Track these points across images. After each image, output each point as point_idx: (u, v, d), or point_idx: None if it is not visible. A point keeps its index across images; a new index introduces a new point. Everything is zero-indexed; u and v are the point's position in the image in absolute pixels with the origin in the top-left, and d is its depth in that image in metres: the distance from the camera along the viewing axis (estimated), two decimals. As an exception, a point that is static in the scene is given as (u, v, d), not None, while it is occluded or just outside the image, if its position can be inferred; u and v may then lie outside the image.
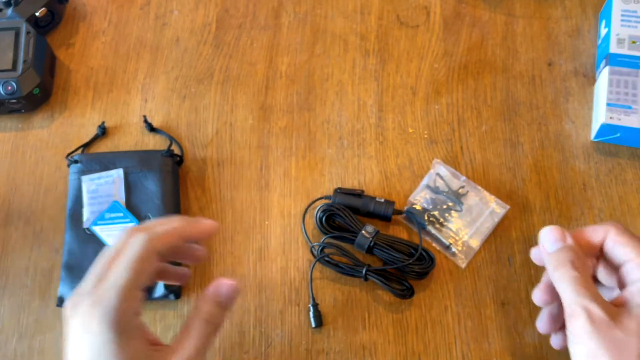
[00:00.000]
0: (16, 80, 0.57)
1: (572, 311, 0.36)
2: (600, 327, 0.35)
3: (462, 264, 0.52)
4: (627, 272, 0.38)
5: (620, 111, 0.54)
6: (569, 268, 0.38)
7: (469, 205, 0.53)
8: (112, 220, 0.53)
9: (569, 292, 0.37)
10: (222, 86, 0.61)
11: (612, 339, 0.34)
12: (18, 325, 0.52)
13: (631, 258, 0.38)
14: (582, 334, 0.35)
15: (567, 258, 0.38)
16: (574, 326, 0.36)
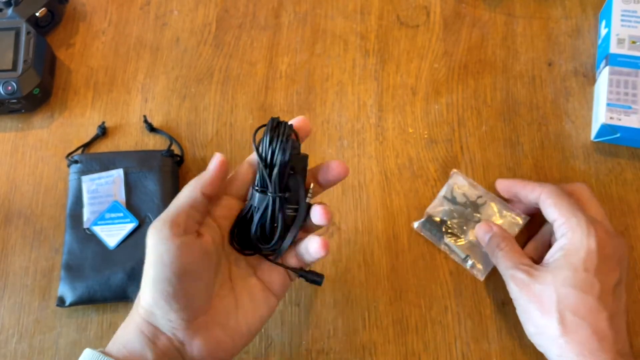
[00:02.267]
0: (16, 80, 0.57)
1: (506, 280, 0.46)
2: (522, 285, 0.44)
3: (481, 276, 0.51)
4: (555, 230, 0.45)
5: (620, 111, 0.54)
6: (497, 250, 0.47)
7: (488, 215, 0.53)
8: (112, 220, 0.53)
9: (502, 267, 0.47)
10: (222, 86, 0.61)
11: (534, 292, 0.43)
12: (18, 325, 0.52)
13: (556, 217, 0.45)
14: (515, 295, 0.45)
15: (494, 243, 0.48)
16: (510, 291, 0.45)
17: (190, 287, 0.38)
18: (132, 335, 0.38)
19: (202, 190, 0.39)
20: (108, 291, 0.50)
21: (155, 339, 0.38)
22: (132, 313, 0.40)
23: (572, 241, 0.43)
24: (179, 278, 0.37)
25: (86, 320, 0.51)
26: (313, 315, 0.51)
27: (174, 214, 0.38)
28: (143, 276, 0.38)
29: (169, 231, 0.37)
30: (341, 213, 0.55)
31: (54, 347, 0.51)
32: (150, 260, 0.37)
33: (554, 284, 0.42)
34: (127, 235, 0.52)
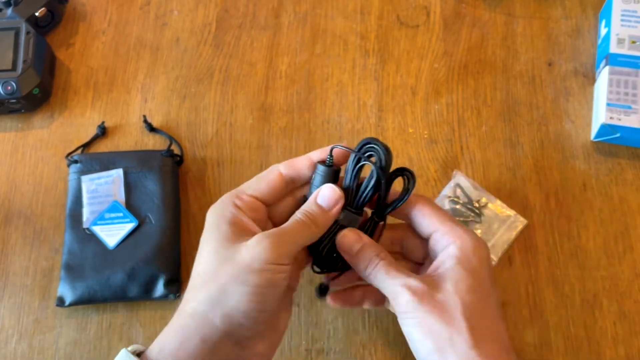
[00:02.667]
0: (16, 80, 0.57)
1: (395, 293, 0.38)
2: (422, 296, 0.37)
3: None
4: (436, 241, 0.41)
5: (620, 111, 0.54)
6: (377, 260, 0.40)
7: (488, 216, 0.52)
8: (112, 220, 0.53)
9: (386, 279, 0.39)
10: (222, 86, 0.61)
11: (435, 303, 0.37)
12: (18, 325, 0.52)
13: (437, 227, 0.41)
14: (409, 308, 0.38)
15: (371, 253, 0.40)
16: (401, 304, 0.38)
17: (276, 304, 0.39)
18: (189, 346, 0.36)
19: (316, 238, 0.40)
20: (108, 291, 0.50)
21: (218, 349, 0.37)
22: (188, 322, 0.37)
23: (462, 249, 0.39)
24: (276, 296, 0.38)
25: (86, 320, 0.51)
26: (313, 315, 0.51)
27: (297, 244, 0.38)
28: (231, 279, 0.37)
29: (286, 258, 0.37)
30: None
31: (54, 347, 0.51)
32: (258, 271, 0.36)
33: (458, 293, 0.37)
34: (126, 235, 0.52)
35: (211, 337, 0.36)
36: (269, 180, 0.41)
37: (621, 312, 0.50)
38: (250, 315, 0.37)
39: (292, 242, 0.38)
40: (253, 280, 0.36)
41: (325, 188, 0.40)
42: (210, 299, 0.36)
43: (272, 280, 0.36)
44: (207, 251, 0.38)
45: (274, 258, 0.36)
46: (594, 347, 0.49)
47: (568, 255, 0.52)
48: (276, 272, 0.37)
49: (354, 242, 0.41)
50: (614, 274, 0.51)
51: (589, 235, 0.53)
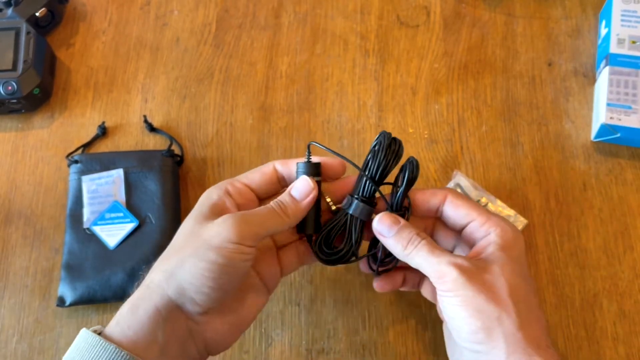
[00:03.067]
0: (16, 80, 0.57)
1: (440, 272, 0.38)
2: (471, 275, 0.37)
3: None
4: (472, 231, 0.41)
5: (620, 111, 0.54)
6: (418, 239, 0.40)
7: None
8: (112, 220, 0.53)
9: (429, 258, 0.39)
10: (222, 86, 0.61)
11: (484, 282, 0.37)
12: (18, 325, 0.52)
13: (474, 218, 0.41)
14: (456, 286, 0.37)
15: (411, 233, 0.40)
16: (446, 283, 0.37)
17: (232, 284, 0.39)
18: (143, 315, 0.37)
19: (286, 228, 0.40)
20: (108, 291, 0.50)
21: (172, 319, 0.37)
22: (144, 293, 0.38)
23: (503, 237, 0.40)
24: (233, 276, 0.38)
25: (86, 320, 0.51)
26: (313, 315, 0.51)
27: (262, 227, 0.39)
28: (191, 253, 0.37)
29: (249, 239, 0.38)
30: (341, 213, 0.55)
31: (54, 347, 0.51)
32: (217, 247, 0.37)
33: (504, 275, 0.38)
34: (127, 235, 0.52)
35: (164, 307, 0.37)
36: (263, 172, 0.43)
37: (621, 312, 0.50)
38: (202, 290, 0.37)
39: (258, 225, 0.39)
40: (209, 256, 0.37)
41: (299, 180, 0.42)
42: (168, 270, 0.37)
43: (230, 259, 0.37)
44: (182, 227, 0.40)
45: (235, 237, 0.37)
46: (594, 347, 0.49)
47: (568, 255, 0.52)
48: (235, 251, 0.37)
49: (392, 224, 0.41)
50: (614, 274, 0.51)
51: (589, 235, 0.53)
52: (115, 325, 0.37)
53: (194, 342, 0.39)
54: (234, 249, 0.37)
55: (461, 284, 0.37)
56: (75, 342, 0.37)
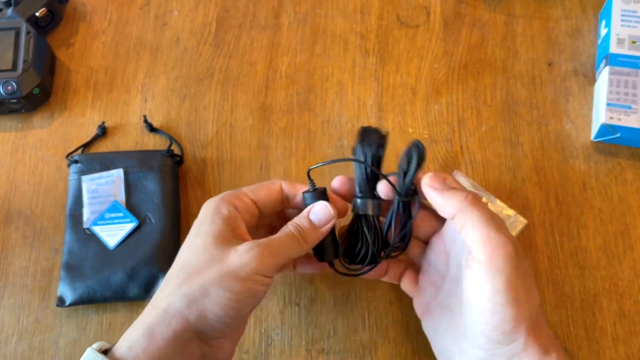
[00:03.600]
0: (16, 80, 0.57)
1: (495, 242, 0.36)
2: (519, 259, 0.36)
3: None
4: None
5: (620, 111, 0.54)
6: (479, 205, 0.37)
7: None
8: (112, 220, 0.53)
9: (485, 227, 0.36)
10: (222, 86, 0.61)
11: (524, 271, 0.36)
12: (18, 325, 0.52)
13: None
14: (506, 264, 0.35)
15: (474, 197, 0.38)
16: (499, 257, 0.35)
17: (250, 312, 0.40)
18: (160, 341, 0.36)
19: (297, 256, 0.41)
20: (108, 291, 0.50)
21: (189, 346, 0.37)
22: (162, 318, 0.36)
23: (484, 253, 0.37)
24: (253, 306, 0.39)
25: (86, 320, 0.51)
26: (313, 315, 0.51)
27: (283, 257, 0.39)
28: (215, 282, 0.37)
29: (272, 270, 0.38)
30: (341, 213, 0.55)
31: (54, 347, 0.51)
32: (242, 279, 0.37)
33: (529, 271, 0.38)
34: (127, 235, 0.52)
35: (184, 334, 0.36)
36: (270, 190, 0.42)
37: (621, 312, 0.50)
38: (225, 320, 0.37)
39: (280, 255, 0.39)
40: (236, 287, 0.36)
41: (319, 205, 0.41)
42: (191, 296, 0.36)
43: (254, 291, 0.37)
44: (197, 245, 0.39)
45: (261, 269, 0.37)
46: (594, 347, 0.49)
47: (568, 255, 0.52)
48: (259, 283, 0.37)
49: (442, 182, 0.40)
50: (614, 274, 0.51)
51: (589, 235, 0.53)
52: (127, 348, 0.36)
53: None
54: (259, 280, 0.37)
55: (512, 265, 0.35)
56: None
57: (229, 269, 0.36)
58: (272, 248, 0.38)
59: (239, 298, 0.36)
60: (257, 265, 0.37)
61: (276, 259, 0.38)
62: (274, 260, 0.38)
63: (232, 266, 0.37)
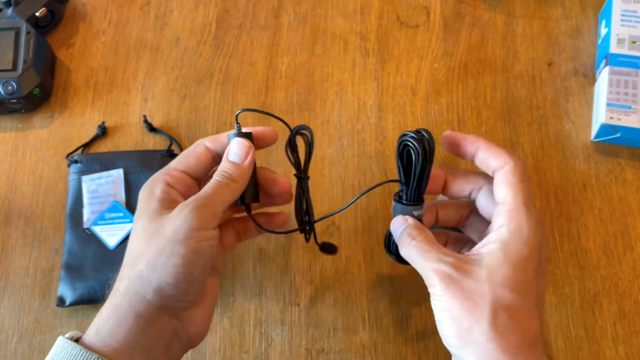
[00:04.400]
0: (16, 80, 0.57)
1: (425, 275, 0.38)
2: (449, 281, 0.36)
3: None
4: (494, 213, 0.39)
5: (620, 111, 0.54)
6: (409, 240, 0.40)
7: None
8: (112, 220, 0.53)
9: (420, 262, 0.39)
10: (222, 86, 0.61)
11: (463, 289, 0.36)
12: (18, 325, 0.52)
13: (505, 201, 0.39)
14: (436, 290, 0.37)
15: (406, 233, 0.40)
16: (431, 285, 0.38)
17: (205, 272, 0.39)
18: (124, 322, 0.36)
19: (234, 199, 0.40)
20: (108, 291, 0.50)
21: (155, 323, 0.37)
22: (122, 301, 0.37)
23: (513, 236, 0.37)
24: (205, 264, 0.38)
25: (86, 320, 0.51)
26: (313, 315, 0.51)
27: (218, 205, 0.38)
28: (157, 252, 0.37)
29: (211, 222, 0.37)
30: (341, 213, 0.55)
31: (54, 347, 0.51)
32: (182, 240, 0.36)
33: (490, 283, 0.36)
34: (127, 235, 0.52)
35: (146, 313, 0.36)
36: (196, 155, 0.42)
37: (621, 312, 0.50)
38: (180, 286, 0.37)
39: (213, 204, 0.38)
40: (179, 251, 0.36)
41: (234, 142, 0.41)
42: (141, 276, 0.37)
43: (198, 248, 0.37)
44: (137, 229, 0.39)
45: (197, 224, 0.37)
46: (594, 347, 0.49)
47: (568, 255, 0.52)
48: (201, 239, 0.37)
49: (400, 225, 0.41)
50: (614, 274, 0.51)
51: (589, 235, 0.53)
52: (94, 334, 0.36)
53: (179, 340, 0.39)
54: (199, 236, 0.37)
55: (440, 289, 0.37)
56: (53, 351, 0.36)
57: (167, 237, 0.37)
58: (202, 200, 0.38)
59: (185, 261, 0.36)
60: (192, 222, 0.36)
61: (209, 209, 0.38)
62: (209, 211, 0.38)
63: (169, 232, 0.37)
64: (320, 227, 0.54)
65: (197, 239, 0.37)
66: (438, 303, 0.37)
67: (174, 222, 0.37)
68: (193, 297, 0.39)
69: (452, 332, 0.37)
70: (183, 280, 0.37)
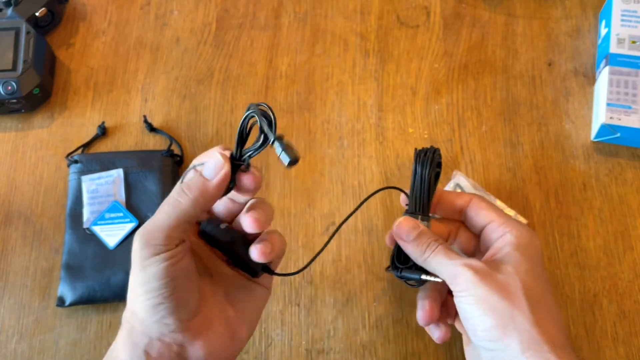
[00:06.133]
0: (16, 80, 0.57)
1: (455, 273, 0.39)
2: (484, 275, 0.38)
3: None
4: (491, 230, 0.42)
5: (620, 111, 0.54)
6: (435, 244, 0.41)
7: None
8: (112, 220, 0.53)
9: (446, 261, 0.40)
10: (222, 86, 0.61)
11: (498, 281, 0.38)
12: (18, 325, 0.52)
13: (493, 219, 0.42)
14: (469, 285, 0.38)
15: (429, 239, 0.41)
16: (460, 283, 0.39)
17: (182, 287, 0.37)
18: (122, 352, 0.36)
19: (203, 209, 0.37)
20: (108, 291, 0.50)
21: (150, 350, 0.36)
22: (121, 329, 0.37)
23: (519, 237, 0.41)
24: (173, 282, 0.36)
25: (86, 320, 0.51)
26: (313, 315, 0.51)
27: (167, 228, 0.36)
28: (130, 285, 0.36)
29: (161, 246, 0.35)
30: (341, 213, 0.55)
31: (54, 347, 0.51)
32: (139, 270, 0.35)
33: (518, 274, 0.38)
34: (127, 235, 0.52)
35: (140, 341, 0.36)
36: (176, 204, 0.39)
37: (621, 312, 0.50)
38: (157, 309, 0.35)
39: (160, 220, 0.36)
40: (142, 279, 0.35)
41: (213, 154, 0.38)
42: (127, 309, 0.37)
43: (158, 273, 0.35)
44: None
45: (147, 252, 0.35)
46: (594, 347, 0.49)
47: (568, 255, 0.52)
48: (157, 262, 0.35)
49: (412, 229, 0.42)
50: (614, 274, 0.51)
51: (589, 235, 0.53)
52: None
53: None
54: (154, 261, 0.35)
55: (474, 283, 0.38)
56: None
57: (133, 266, 0.36)
58: (148, 223, 0.36)
59: (151, 287, 0.35)
60: (140, 250, 0.35)
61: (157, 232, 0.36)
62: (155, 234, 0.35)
63: (133, 262, 0.36)
64: (321, 227, 0.54)
65: (152, 265, 0.35)
66: (472, 298, 0.38)
67: (132, 253, 0.36)
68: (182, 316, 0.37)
69: (491, 323, 0.37)
70: (157, 304, 0.35)
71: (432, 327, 0.44)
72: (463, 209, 0.44)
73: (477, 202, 0.44)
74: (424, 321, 0.43)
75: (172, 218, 0.36)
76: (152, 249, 0.35)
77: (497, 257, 0.40)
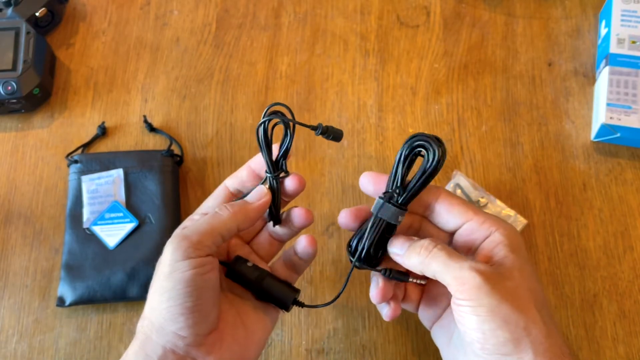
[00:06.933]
0: (16, 80, 0.57)
1: (461, 278, 0.35)
2: (495, 282, 0.34)
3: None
4: (471, 231, 0.38)
5: (620, 111, 0.54)
6: (433, 245, 0.37)
7: None
8: (112, 220, 0.53)
9: (449, 264, 0.36)
10: (222, 86, 0.61)
11: (508, 289, 0.34)
12: (18, 325, 0.52)
13: (470, 217, 0.38)
14: (479, 294, 0.34)
15: (424, 242, 0.37)
16: (468, 291, 0.34)
17: (205, 300, 0.37)
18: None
19: (240, 227, 0.39)
20: (108, 291, 0.50)
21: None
22: (135, 340, 0.37)
23: (509, 237, 0.37)
24: (197, 292, 0.36)
25: (86, 320, 0.51)
26: (313, 315, 0.51)
27: (202, 233, 0.37)
28: (154, 291, 0.36)
29: (193, 251, 0.36)
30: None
31: (54, 347, 0.51)
32: (168, 274, 0.36)
33: (524, 280, 0.35)
34: (126, 235, 0.52)
35: (154, 352, 0.36)
36: (215, 196, 0.42)
37: (621, 312, 0.50)
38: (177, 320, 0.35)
39: (199, 232, 0.37)
40: (167, 286, 0.35)
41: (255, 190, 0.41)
42: (144, 317, 0.37)
43: (184, 279, 0.35)
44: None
45: (179, 255, 0.36)
46: (594, 347, 0.49)
47: (568, 255, 0.52)
48: (185, 269, 0.35)
49: (404, 241, 0.39)
50: (614, 274, 0.51)
51: (589, 235, 0.53)
52: None
53: None
54: (183, 267, 0.35)
55: (486, 292, 0.34)
56: None
57: (159, 273, 0.36)
58: (187, 230, 0.37)
59: (174, 294, 0.35)
60: (173, 253, 0.36)
61: (193, 238, 0.36)
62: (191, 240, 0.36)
63: (160, 269, 0.36)
64: (321, 227, 0.54)
65: (180, 269, 0.35)
66: (482, 309, 0.34)
67: (162, 257, 0.37)
68: (200, 330, 0.37)
69: (505, 337, 0.34)
70: (179, 314, 0.35)
71: (382, 304, 0.42)
72: (430, 203, 0.40)
73: (447, 197, 0.39)
74: (376, 299, 0.41)
75: (208, 225, 0.38)
76: (184, 252, 0.36)
77: (496, 261, 0.37)
